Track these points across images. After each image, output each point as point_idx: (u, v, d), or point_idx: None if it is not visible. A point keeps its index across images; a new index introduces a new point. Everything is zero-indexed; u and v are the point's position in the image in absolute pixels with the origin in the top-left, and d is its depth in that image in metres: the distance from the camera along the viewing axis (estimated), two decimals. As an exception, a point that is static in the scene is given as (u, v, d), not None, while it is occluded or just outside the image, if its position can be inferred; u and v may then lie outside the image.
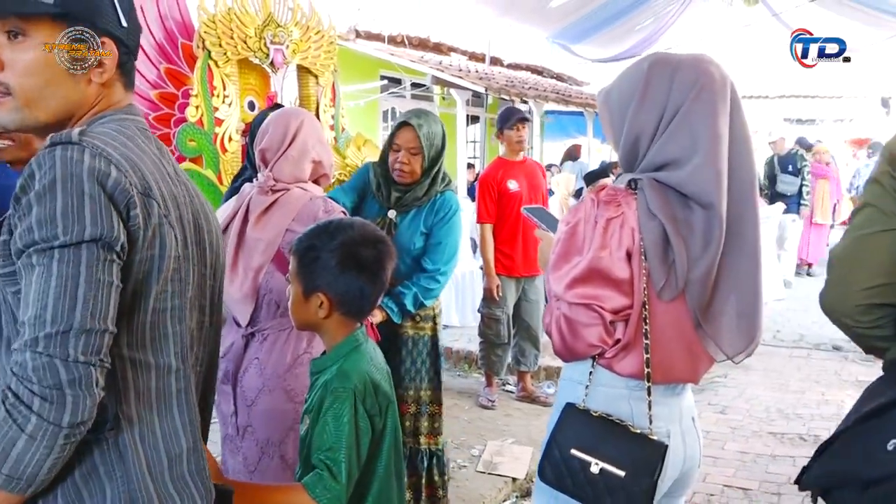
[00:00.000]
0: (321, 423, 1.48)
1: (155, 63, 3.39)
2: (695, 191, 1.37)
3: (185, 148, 3.37)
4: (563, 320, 1.43)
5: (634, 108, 1.43)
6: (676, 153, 1.39)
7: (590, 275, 1.39)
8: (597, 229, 1.40)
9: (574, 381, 1.54)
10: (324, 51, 3.98)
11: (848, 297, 1.27)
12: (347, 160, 3.58)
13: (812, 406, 4.45)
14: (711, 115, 1.38)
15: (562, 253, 1.45)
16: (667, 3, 9.72)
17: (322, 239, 1.58)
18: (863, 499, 1.19)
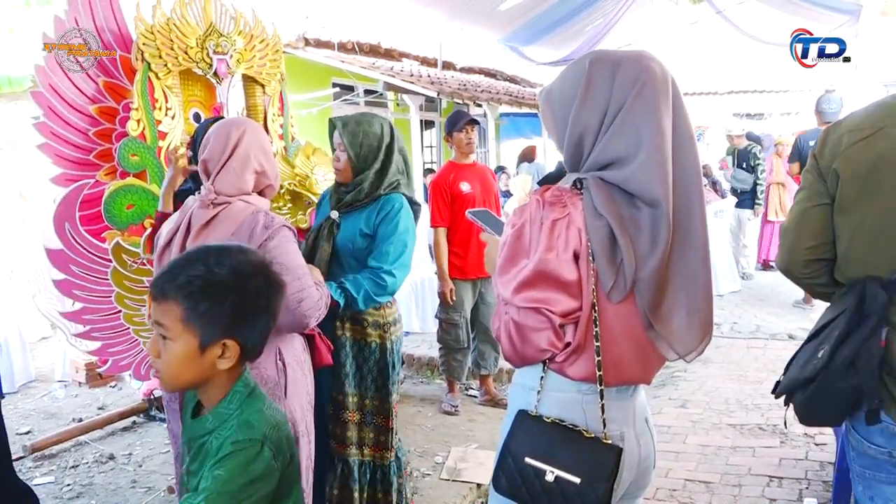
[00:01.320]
0: (214, 481, 1.25)
1: (93, 77, 3.29)
2: (640, 188, 1.35)
3: (128, 163, 3.28)
4: (511, 325, 1.41)
5: (577, 107, 1.40)
6: (621, 151, 1.37)
7: (537, 278, 1.36)
8: (542, 231, 1.37)
9: (525, 387, 1.52)
10: (269, 59, 3.92)
11: (796, 255, 1.66)
12: (297, 169, 3.53)
13: (770, 396, 4.47)
14: (654, 111, 1.36)
15: (508, 256, 1.42)
16: (615, 4, 9.84)
17: (218, 271, 1.30)
18: (805, 395, 1.60)
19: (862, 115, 1.59)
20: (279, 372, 2.11)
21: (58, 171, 3.22)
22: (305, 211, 3.58)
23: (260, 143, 2.24)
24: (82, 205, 3.20)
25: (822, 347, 1.57)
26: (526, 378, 1.52)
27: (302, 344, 2.29)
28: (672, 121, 1.38)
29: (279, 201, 3.57)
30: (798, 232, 1.64)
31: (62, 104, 3.20)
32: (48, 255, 3.19)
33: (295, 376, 2.16)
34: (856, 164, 1.52)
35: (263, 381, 2.09)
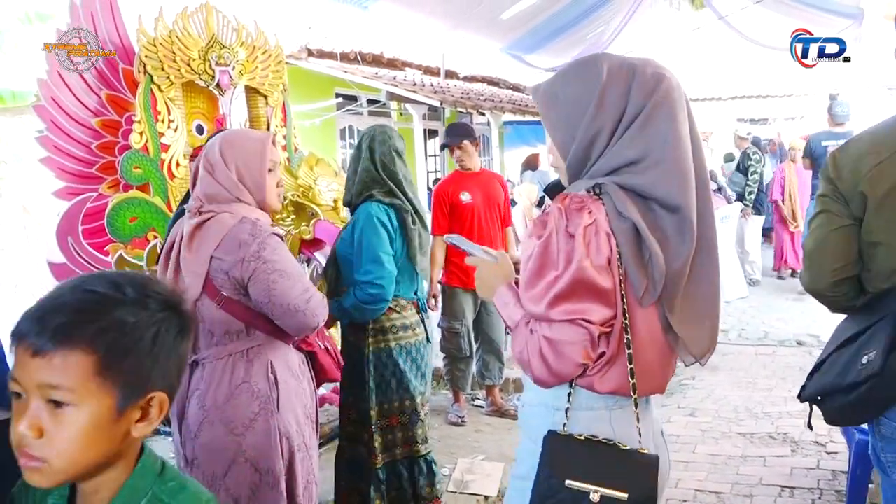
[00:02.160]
0: None
1: (95, 90, 3.29)
2: (663, 195, 1.35)
3: (131, 175, 3.28)
4: (544, 343, 1.33)
5: (593, 111, 1.38)
6: (633, 156, 1.36)
7: (575, 288, 1.30)
8: (576, 239, 1.31)
9: (549, 407, 1.45)
10: (272, 70, 3.92)
11: (822, 277, 1.78)
12: (300, 180, 3.51)
13: (780, 403, 4.46)
14: (674, 119, 1.37)
15: (536, 270, 1.35)
16: (616, 11, 9.83)
17: (129, 307, 0.96)
18: (848, 399, 1.68)
19: (878, 137, 1.69)
20: (271, 385, 2.07)
21: (61, 185, 3.21)
22: (309, 222, 3.57)
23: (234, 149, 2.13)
24: (85, 218, 3.19)
25: (867, 352, 1.63)
26: (548, 397, 1.45)
27: (299, 357, 2.24)
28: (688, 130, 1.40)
29: (283, 212, 3.56)
30: (823, 254, 1.77)
31: (65, 117, 3.20)
32: (51, 269, 3.18)
33: (288, 389, 2.11)
34: (884, 184, 1.64)
35: (254, 395, 2.05)
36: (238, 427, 2.01)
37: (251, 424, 2.02)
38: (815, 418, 4.09)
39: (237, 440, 2.00)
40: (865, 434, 2.81)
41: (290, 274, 2.00)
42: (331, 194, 3.56)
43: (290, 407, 2.10)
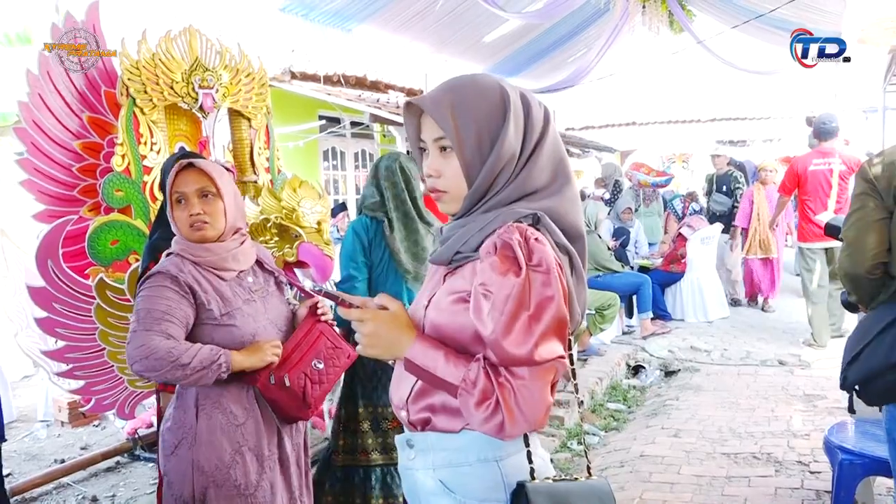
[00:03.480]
0: None
1: (77, 112, 3.27)
2: (571, 223, 1.32)
3: (112, 198, 3.25)
4: (523, 392, 1.20)
5: (504, 135, 1.29)
6: (541, 183, 1.32)
7: (557, 326, 1.22)
8: (551, 274, 1.23)
9: (488, 461, 1.32)
10: (255, 93, 3.92)
11: (863, 260, 2.11)
12: (283, 202, 3.50)
13: (763, 423, 4.48)
14: (561, 147, 1.37)
15: (514, 311, 1.20)
16: (597, 35, 9.97)
17: None
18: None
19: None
20: (193, 418, 2.07)
21: (41, 208, 3.18)
22: (293, 244, 3.54)
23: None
24: (66, 241, 3.16)
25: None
26: (484, 450, 1.31)
27: (247, 394, 2.13)
28: None
29: (266, 234, 3.54)
30: (863, 241, 2.11)
31: (46, 140, 3.17)
32: (30, 292, 3.14)
33: (212, 424, 2.07)
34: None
35: (180, 424, 2.08)
36: (166, 450, 2.10)
37: (175, 451, 2.09)
38: (796, 438, 4.11)
39: (164, 463, 2.11)
40: (849, 454, 2.83)
41: (135, 315, 2.04)
42: (314, 216, 3.54)
43: (213, 442, 2.06)
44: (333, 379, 2.26)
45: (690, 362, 6.12)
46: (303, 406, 2.16)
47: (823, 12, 7.87)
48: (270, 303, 2.24)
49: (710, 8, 9.78)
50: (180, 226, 2.12)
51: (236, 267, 2.18)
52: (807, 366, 5.77)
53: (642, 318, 6.91)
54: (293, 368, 2.14)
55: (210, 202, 2.11)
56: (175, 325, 2.01)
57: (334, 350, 2.24)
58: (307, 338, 2.20)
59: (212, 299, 2.08)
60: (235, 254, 2.17)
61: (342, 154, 10.49)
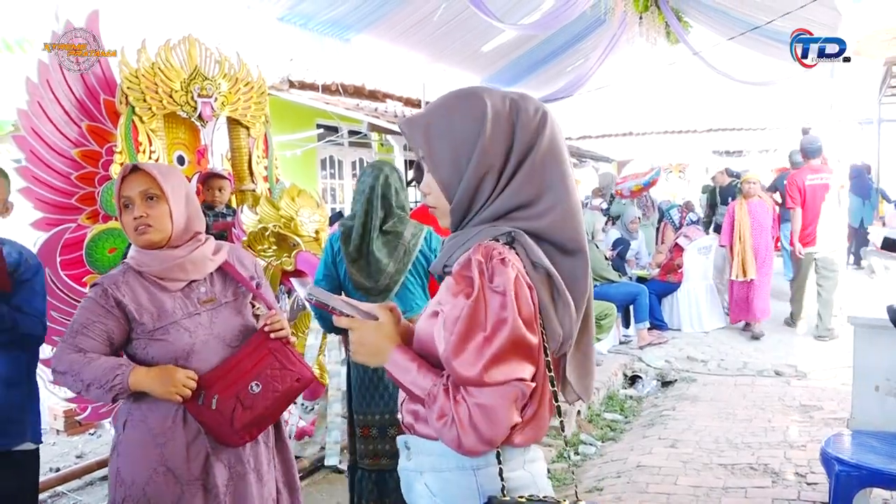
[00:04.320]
0: None
1: (76, 120, 3.28)
2: (565, 238, 1.30)
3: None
4: (476, 411, 1.20)
5: (480, 150, 1.28)
6: (527, 198, 1.29)
7: (512, 348, 1.21)
8: (507, 296, 1.21)
9: (465, 469, 1.33)
10: (254, 102, 3.93)
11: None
12: (281, 211, 3.51)
13: (760, 434, 4.48)
14: (562, 156, 1.32)
15: (464, 332, 1.21)
16: (594, 46, 10.02)
17: None
18: None
19: None
20: (123, 427, 2.06)
21: (39, 216, 3.18)
22: (290, 253, 3.55)
23: None
24: (63, 249, 3.16)
25: None
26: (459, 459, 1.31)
27: (176, 412, 2.02)
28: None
29: (264, 243, 3.55)
30: None
31: (45, 148, 3.18)
32: (27, 300, 3.12)
33: (131, 439, 2.02)
34: None
35: (115, 432, 2.09)
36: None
37: (110, 457, 2.11)
38: (793, 449, 4.11)
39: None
40: (845, 465, 2.83)
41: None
42: (312, 225, 3.55)
43: (132, 455, 2.02)
44: (268, 405, 2.05)
45: (687, 372, 6.12)
46: (230, 431, 2.01)
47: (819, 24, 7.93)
48: (221, 316, 2.11)
49: (707, 19, 9.85)
50: (127, 231, 2.07)
51: (184, 277, 2.08)
52: (803, 376, 5.77)
53: (639, 328, 6.92)
54: (226, 389, 2.01)
55: (154, 205, 2.03)
56: (90, 338, 1.98)
57: (281, 372, 2.06)
58: (251, 357, 2.06)
59: (144, 312, 2.01)
60: (184, 263, 2.07)
61: (340, 163, 10.51)
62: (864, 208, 10.52)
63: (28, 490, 2.46)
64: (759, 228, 7.10)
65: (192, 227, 2.11)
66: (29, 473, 2.47)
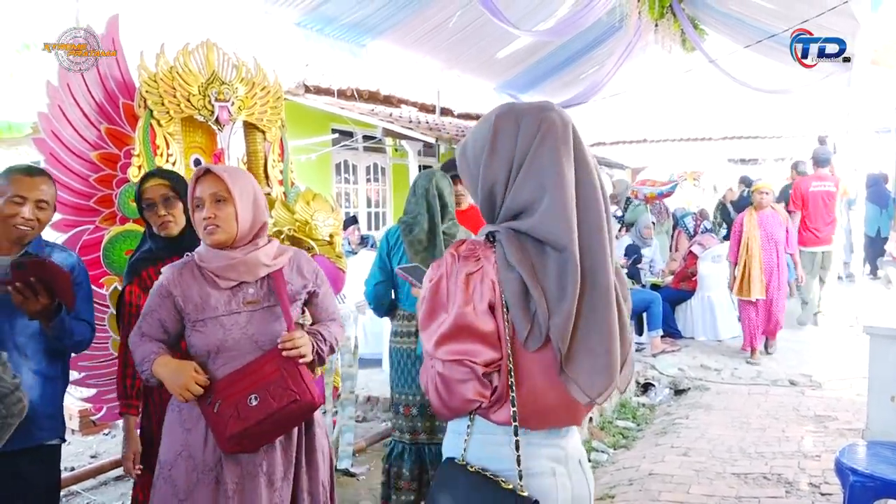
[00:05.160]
0: None
1: (95, 123, 3.32)
2: (547, 234, 1.40)
3: (128, 209, 3.28)
4: (437, 378, 1.44)
5: (486, 159, 1.46)
6: (527, 199, 1.43)
7: (457, 331, 1.41)
8: (458, 284, 1.42)
9: (455, 433, 1.56)
10: (270, 106, 3.96)
11: None
12: (296, 215, 3.53)
13: (773, 444, 4.45)
14: (555, 159, 1.41)
15: (428, 311, 1.46)
16: (609, 53, 10.00)
17: None
18: None
19: None
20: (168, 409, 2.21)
21: (57, 217, 3.22)
22: (305, 256, 3.57)
23: None
24: (81, 250, 3.19)
25: None
26: (456, 424, 1.56)
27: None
28: (574, 167, 1.43)
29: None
30: None
31: (64, 150, 3.22)
32: (45, 301, 3.16)
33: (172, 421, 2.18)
34: None
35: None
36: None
37: None
38: (807, 459, 4.08)
39: None
40: (860, 476, 2.81)
41: None
42: (327, 229, 3.57)
43: (166, 438, 2.18)
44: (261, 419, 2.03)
45: (700, 381, 6.09)
46: (222, 438, 2.04)
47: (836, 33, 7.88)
48: (258, 318, 2.15)
49: (723, 27, 9.82)
50: (197, 230, 2.17)
51: (235, 277, 2.15)
52: (818, 386, 5.73)
53: (652, 335, 6.88)
54: (230, 396, 2.06)
55: (222, 207, 2.12)
56: (148, 324, 2.16)
57: (282, 390, 2.06)
58: (260, 369, 2.09)
59: (189, 303, 2.12)
60: (237, 264, 2.14)
61: (354, 167, 10.55)
62: (881, 217, 10.43)
63: (53, 485, 2.49)
64: (771, 242, 6.49)
65: (256, 228, 2.20)
66: (56, 468, 2.50)
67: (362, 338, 6.12)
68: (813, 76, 9.72)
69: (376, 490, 3.91)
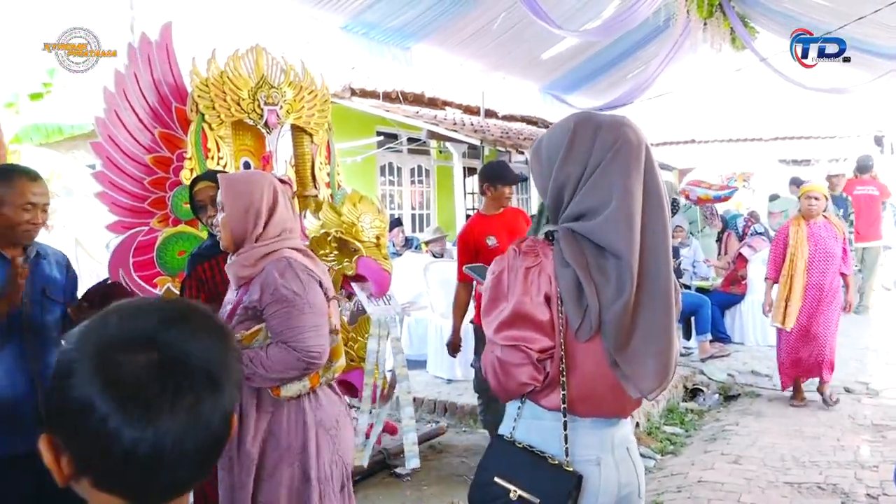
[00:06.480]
0: None
1: (149, 127, 3.40)
2: (606, 240, 1.50)
3: (181, 211, 3.36)
4: (496, 362, 1.56)
5: (560, 161, 1.56)
6: (593, 205, 1.52)
7: (515, 318, 1.53)
8: (518, 277, 1.54)
9: (509, 416, 1.67)
10: (318, 110, 4.01)
11: None
12: (343, 217, 3.56)
13: (828, 453, 4.32)
14: (625, 173, 1.51)
15: (490, 299, 1.59)
16: (655, 52, 9.86)
17: (68, 343, 0.77)
18: None
19: None
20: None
21: (114, 219, 3.31)
22: (352, 258, 3.60)
23: None
24: (136, 251, 3.28)
25: None
26: (511, 407, 1.67)
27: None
28: (643, 184, 1.53)
29: (326, 248, 3.60)
30: None
31: (120, 154, 3.31)
32: (101, 300, 3.25)
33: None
34: None
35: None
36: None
37: None
38: (864, 469, 3.95)
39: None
40: (922, 488, 2.71)
41: None
42: (373, 231, 3.59)
43: None
44: None
45: (751, 387, 5.95)
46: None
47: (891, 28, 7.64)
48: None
49: (775, 25, 9.58)
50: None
51: (232, 282, 2.23)
52: (875, 394, 5.54)
53: (700, 339, 6.75)
54: None
55: (221, 213, 2.18)
56: None
57: None
58: None
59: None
60: (230, 268, 2.19)
61: (399, 169, 10.60)
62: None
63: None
64: (823, 259, 5.19)
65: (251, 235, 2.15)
66: None
67: (406, 339, 6.14)
68: (867, 74, 9.44)
69: (421, 490, 3.93)
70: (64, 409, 0.74)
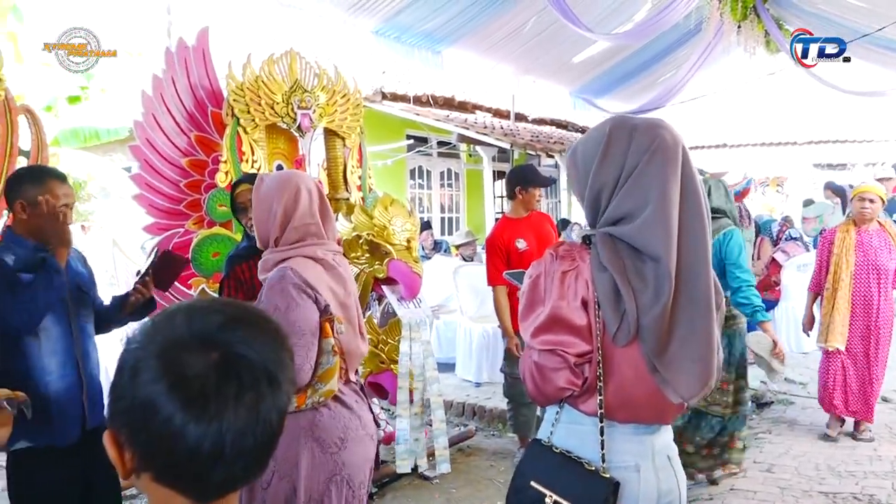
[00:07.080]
0: None
1: (185, 131, 3.46)
2: (644, 244, 1.48)
3: (215, 213, 3.41)
4: (533, 366, 1.55)
5: (597, 165, 1.54)
6: (630, 209, 1.50)
7: (552, 323, 1.52)
8: (554, 282, 1.53)
9: (547, 421, 1.66)
10: (350, 113, 4.04)
11: None
12: (375, 220, 3.58)
13: (864, 463, 4.24)
14: (662, 176, 1.49)
15: (527, 304, 1.58)
16: (688, 56, 9.76)
17: (133, 342, 0.79)
18: None
19: None
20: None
21: (150, 221, 3.37)
22: (382, 261, 3.62)
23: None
24: (171, 253, 3.33)
25: None
26: (549, 412, 1.67)
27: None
28: (681, 186, 1.51)
29: (357, 251, 3.63)
30: None
31: (157, 157, 3.37)
32: (138, 300, 3.31)
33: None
34: None
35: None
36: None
37: None
38: (904, 480, 3.86)
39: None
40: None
41: None
42: (404, 234, 3.61)
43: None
44: None
45: (784, 395, 5.86)
46: None
47: (935, 30, 7.47)
48: None
49: (811, 27, 9.42)
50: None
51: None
52: (913, 404, 5.42)
53: (733, 346, 6.65)
54: None
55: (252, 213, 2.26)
56: None
57: None
58: None
59: None
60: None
61: (428, 173, 10.63)
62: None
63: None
64: (872, 271, 4.61)
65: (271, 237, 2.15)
66: None
67: (435, 343, 6.15)
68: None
69: (450, 493, 3.93)
70: (129, 408, 0.76)
